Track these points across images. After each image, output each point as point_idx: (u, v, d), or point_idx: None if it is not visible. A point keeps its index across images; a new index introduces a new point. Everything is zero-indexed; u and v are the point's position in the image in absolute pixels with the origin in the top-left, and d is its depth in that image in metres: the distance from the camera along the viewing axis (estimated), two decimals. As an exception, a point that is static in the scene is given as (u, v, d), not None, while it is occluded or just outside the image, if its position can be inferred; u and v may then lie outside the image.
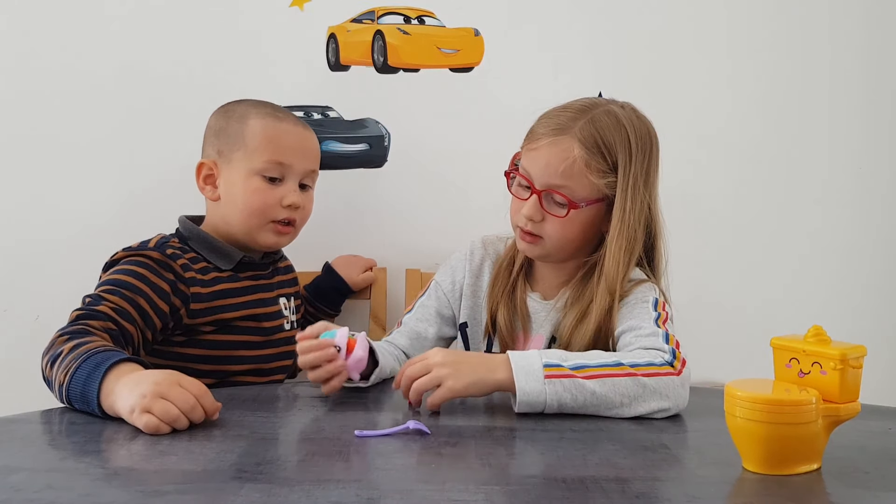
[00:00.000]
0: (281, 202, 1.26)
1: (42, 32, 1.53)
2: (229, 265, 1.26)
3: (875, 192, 1.65)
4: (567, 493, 0.73)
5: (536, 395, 0.96)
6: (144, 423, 0.87)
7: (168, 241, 1.23)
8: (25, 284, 1.56)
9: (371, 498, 0.70)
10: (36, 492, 0.71)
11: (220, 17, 1.55)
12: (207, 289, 1.22)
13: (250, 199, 1.25)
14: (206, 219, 1.31)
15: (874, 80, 1.63)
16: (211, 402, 0.91)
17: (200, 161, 1.29)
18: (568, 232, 1.16)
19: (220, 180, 1.28)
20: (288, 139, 1.28)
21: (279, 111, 1.31)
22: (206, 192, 1.29)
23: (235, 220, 1.27)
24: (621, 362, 1.00)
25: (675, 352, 1.04)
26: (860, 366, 0.81)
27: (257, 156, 1.25)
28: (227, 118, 1.29)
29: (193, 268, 1.21)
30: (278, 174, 1.26)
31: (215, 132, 1.30)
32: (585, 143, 1.12)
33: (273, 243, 1.30)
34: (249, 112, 1.28)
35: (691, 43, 1.60)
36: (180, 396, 0.88)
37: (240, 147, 1.26)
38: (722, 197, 1.64)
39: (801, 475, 0.79)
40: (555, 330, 1.20)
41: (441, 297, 1.29)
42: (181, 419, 0.88)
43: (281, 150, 1.26)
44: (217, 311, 1.22)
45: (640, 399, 0.99)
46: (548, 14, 1.58)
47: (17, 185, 1.55)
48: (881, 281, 1.67)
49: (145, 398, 0.87)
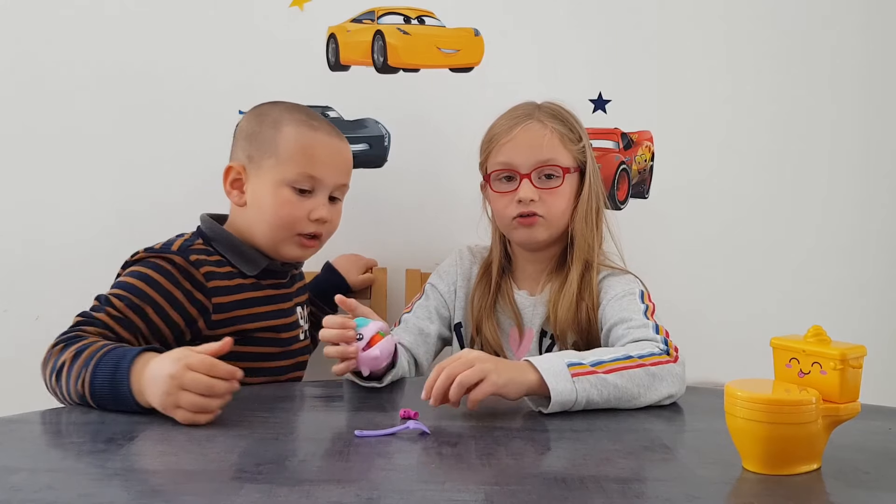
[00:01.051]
0: (309, 216, 1.21)
1: (43, 32, 1.53)
2: (254, 271, 1.22)
3: (875, 193, 1.65)
4: (567, 493, 0.73)
5: (568, 393, 0.97)
6: (180, 418, 0.90)
7: (192, 243, 1.19)
8: (25, 284, 1.56)
9: (371, 498, 0.70)
10: (36, 492, 0.71)
11: (221, 17, 1.55)
12: (230, 297, 1.18)
13: (279, 211, 1.20)
14: (230, 221, 1.27)
15: (875, 81, 1.63)
16: (224, 370, 0.92)
17: (229, 164, 1.24)
18: (562, 202, 1.24)
19: (247, 186, 1.23)
20: (322, 151, 1.22)
21: (314, 118, 1.25)
22: (232, 197, 1.24)
23: (261, 229, 1.22)
24: (630, 355, 1.04)
25: (666, 341, 1.09)
26: (860, 366, 0.81)
27: (289, 166, 1.20)
28: (259, 122, 1.24)
29: (218, 273, 1.18)
30: (309, 186, 1.21)
31: (247, 135, 1.24)
32: (552, 119, 1.25)
33: (296, 256, 1.25)
34: (283, 118, 1.23)
35: (691, 44, 1.60)
36: (194, 382, 0.90)
37: (271, 154, 1.21)
38: (722, 198, 1.64)
39: (801, 475, 0.79)
40: (543, 323, 1.26)
41: (438, 297, 1.33)
42: (208, 403, 0.90)
43: (314, 163, 1.21)
44: (238, 322, 1.19)
45: (651, 388, 1.03)
46: (547, 14, 1.58)
47: (17, 186, 1.55)
48: (881, 281, 1.67)
49: (169, 395, 0.90)
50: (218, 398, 0.92)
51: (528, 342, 1.27)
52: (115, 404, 0.95)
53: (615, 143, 1.59)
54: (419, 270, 1.55)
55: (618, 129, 1.60)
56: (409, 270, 1.56)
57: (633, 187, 1.62)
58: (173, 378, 0.90)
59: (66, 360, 0.99)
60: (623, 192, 1.61)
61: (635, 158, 1.61)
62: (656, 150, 1.62)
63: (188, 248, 1.18)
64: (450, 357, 1.01)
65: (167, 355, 0.93)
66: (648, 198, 1.63)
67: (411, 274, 1.55)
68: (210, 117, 1.54)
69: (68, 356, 0.99)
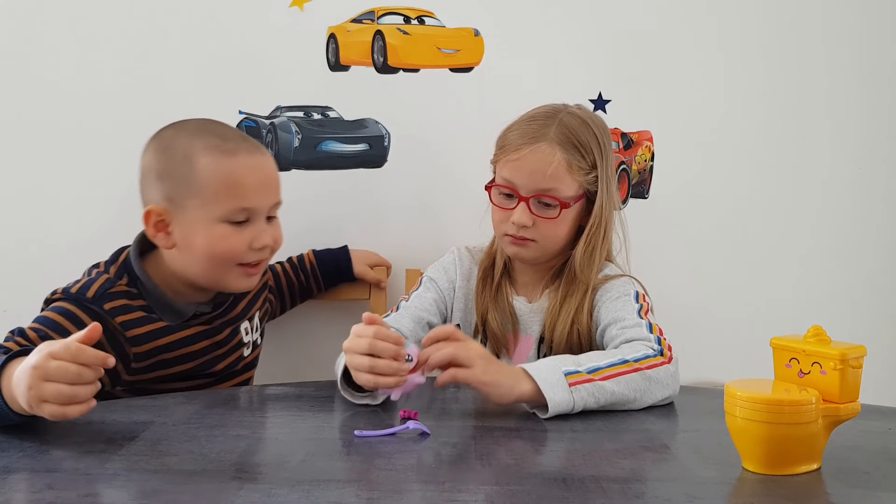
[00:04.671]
0: (251, 245, 1.14)
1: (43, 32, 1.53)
2: (178, 321, 1.15)
3: (875, 193, 1.65)
4: (567, 493, 0.73)
5: (566, 403, 0.97)
6: (48, 413, 0.82)
7: (112, 286, 1.11)
8: (25, 284, 1.55)
9: (371, 498, 0.70)
10: (36, 492, 0.71)
11: (221, 17, 1.55)
12: (152, 344, 1.12)
13: (215, 248, 1.12)
14: (161, 261, 1.17)
15: (873, 80, 1.63)
16: (92, 356, 0.82)
17: (148, 208, 1.13)
18: (559, 231, 1.21)
19: (173, 227, 1.13)
20: (248, 178, 1.12)
21: (227, 139, 1.14)
22: (158, 240, 1.14)
23: (197, 269, 1.14)
24: (625, 359, 1.03)
25: (660, 339, 1.08)
26: (860, 366, 0.81)
27: (217, 204, 1.10)
28: (168, 157, 1.13)
29: (135, 320, 1.11)
30: (244, 217, 1.13)
31: (157, 174, 1.13)
32: (564, 145, 1.18)
33: (244, 287, 1.18)
34: (193, 148, 1.12)
35: (691, 44, 1.60)
36: (59, 371, 0.81)
37: (193, 194, 1.11)
38: (721, 198, 1.64)
39: (801, 475, 0.79)
40: (543, 331, 1.24)
41: (438, 291, 1.31)
42: (77, 392, 0.82)
43: (243, 194, 1.11)
44: (162, 366, 1.13)
45: (648, 392, 1.02)
46: (548, 14, 1.58)
47: (17, 186, 1.55)
48: (881, 281, 1.67)
49: (32, 389, 0.82)
50: (88, 385, 0.83)
51: (525, 348, 1.26)
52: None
53: (615, 143, 1.59)
54: (419, 270, 1.55)
55: (618, 129, 1.60)
56: (410, 270, 1.56)
57: (633, 187, 1.62)
58: (36, 369, 0.82)
59: None
60: (623, 192, 1.61)
61: (635, 158, 1.61)
62: (656, 150, 1.62)
63: (105, 294, 1.10)
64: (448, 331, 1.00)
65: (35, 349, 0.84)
66: (648, 198, 1.63)
67: (411, 274, 1.55)
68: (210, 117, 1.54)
69: None
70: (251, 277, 1.18)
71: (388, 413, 1.00)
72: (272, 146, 1.55)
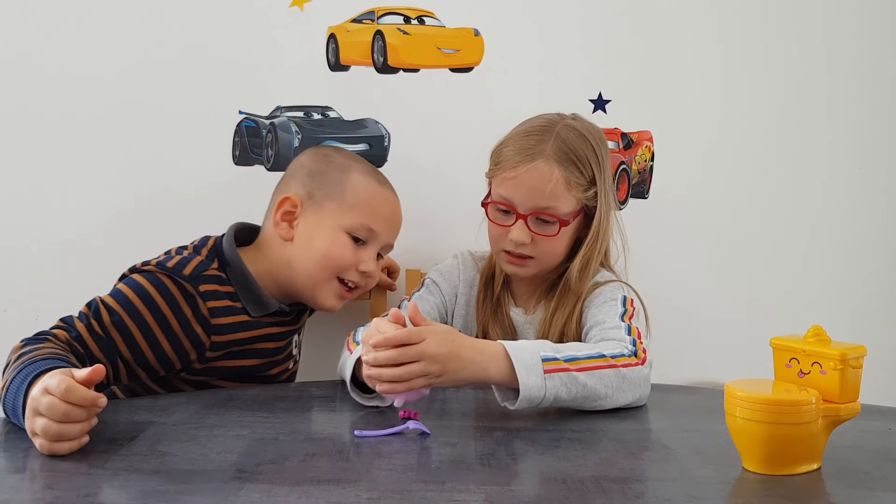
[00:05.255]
0: (358, 266, 1.22)
1: (44, 31, 1.53)
2: (260, 313, 1.18)
3: (875, 192, 1.65)
4: (567, 493, 0.73)
5: (537, 390, 0.96)
6: (38, 446, 0.81)
7: (206, 268, 1.14)
8: (25, 284, 1.55)
9: (371, 498, 0.70)
10: (36, 492, 0.71)
11: (221, 16, 1.55)
12: (229, 336, 1.14)
13: (332, 252, 1.20)
14: (261, 249, 1.23)
15: (873, 80, 1.63)
16: (82, 397, 0.80)
17: (285, 195, 1.23)
18: (558, 247, 1.20)
19: (300, 221, 1.22)
20: (385, 208, 1.26)
21: (380, 175, 1.29)
22: (280, 229, 1.22)
23: (304, 266, 1.20)
24: (603, 353, 1.02)
25: (635, 342, 1.06)
26: (860, 366, 0.81)
27: (353, 214, 1.21)
28: (326, 163, 1.25)
29: (222, 308, 1.13)
30: (365, 237, 1.23)
31: (310, 172, 1.24)
32: (562, 162, 1.16)
33: (330, 306, 1.24)
34: (352, 165, 1.25)
35: (691, 44, 1.60)
36: (49, 408, 0.79)
37: (336, 198, 1.22)
38: (721, 197, 1.64)
39: (801, 475, 0.79)
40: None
41: (440, 295, 1.31)
42: (64, 430, 0.80)
43: (377, 217, 1.23)
44: (230, 358, 1.16)
45: (620, 390, 1.01)
46: (548, 14, 1.58)
47: (16, 185, 1.55)
48: (881, 281, 1.67)
49: (27, 420, 0.81)
50: (77, 424, 0.81)
51: None
52: (14, 417, 0.87)
53: (615, 143, 1.59)
54: (419, 270, 1.55)
55: (618, 129, 1.60)
56: (410, 270, 1.56)
57: (633, 187, 1.62)
58: (32, 401, 0.81)
59: (12, 358, 0.93)
60: (623, 192, 1.61)
61: (635, 158, 1.61)
62: (656, 150, 1.62)
63: (200, 276, 1.13)
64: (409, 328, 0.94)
65: (46, 376, 0.83)
66: (648, 198, 1.62)
67: (411, 274, 1.55)
68: (210, 117, 1.54)
69: (15, 355, 0.93)
70: (340, 300, 1.25)
71: (388, 413, 1.00)
72: (272, 146, 1.55)
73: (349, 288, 1.24)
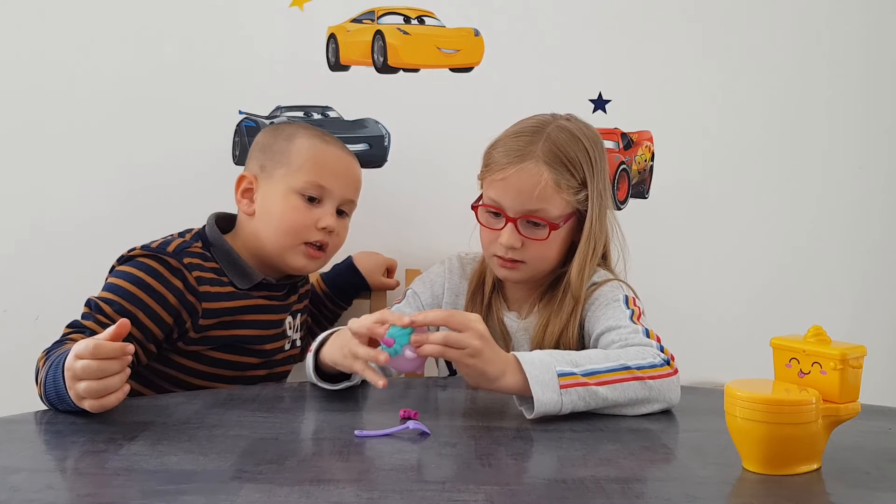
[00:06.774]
0: (316, 224, 1.25)
1: (44, 30, 1.53)
2: (246, 285, 1.24)
3: (875, 192, 1.65)
4: (567, 493, 0.73)
5: (553, 405, 0.95)
6: (88, 408, 0.89)
7: (190, 245, 1.21)
8: (25, 284, 1.56)
9: (371, 498, 0.70)
10: (36, 492, 0.71)
11: (221, 16, 1.55)
12: (220, 304, 1.20)
13: (286, 216, 1.24)
14: (237, 230, 1.30)
15: (873, 80, 1.63)
16: (111, 349, 0.88)
17: (242, 174, 1.29)
18: (549, 252, 1.18)
19: (257, 195, 1.27)
20: (332, 163, 1.27)
21: (327, 136, 1.31)
22: (242, 206, 1.28)
23: (268, 236, 1.25)
24: (628, 365, 0.99)
25: (662, 348, 1.05)
26: (860, 366, 0.81)
27: (300, 175, 1.24)
28: (274, 135, 1.29)
29: (209, 279, 1.20)
30: (317, 195, 1.25)
31: (261, 147, 1.29)
32: (552, 164, 1.14)
33: (302, 266, 1.27)
34: (298, 132, 1.29)
35: (690, 43, 1.60)
36: (84, 370, 0.87)
37: (283, 164, 1.25)
38: (721, 197, 1.64)
39: (801, 475, 0.79)
40: (533, 347, 1.20)
41: (420, 307, 1.27)
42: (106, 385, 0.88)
43: (323, 173, 1.25)
44: (223, 327, 1.21)
45: (646, 401, 0.99)
46: (548, 14, 1.58)
47: (16, 185, 1.55)
48: (881, 281, 1.67)
49: (71, 389, 0.89)
50: (115, 376, 0.89)
51: None
52: (61, 403, 0.93)
53: (615, 143, 1.59)
54: (419, 270, 1.55)
55: (618, 129, 1.60)
56: (410, 270, 1.56)
57: (633, 187, 1.62)
58: (68, 370, 0.89)
59: (38, 367, 0.99)
60: (623, 192, 1.61)
61: (635, 158, 1.61)
62: (656, 150, 1.62)
63: (183, 251, 1.20)
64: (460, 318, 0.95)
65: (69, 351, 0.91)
66: (648, 198, 1.63)
67: (411, 274, 1.55)
68: (210, 117, 1.54)
69: (41, 363, 0.99)
70: (311, 260, 1.27)
71: (388, 413, 1.01)
72: (272, 146, 1.55)
73: (317, 247, 1.27)
